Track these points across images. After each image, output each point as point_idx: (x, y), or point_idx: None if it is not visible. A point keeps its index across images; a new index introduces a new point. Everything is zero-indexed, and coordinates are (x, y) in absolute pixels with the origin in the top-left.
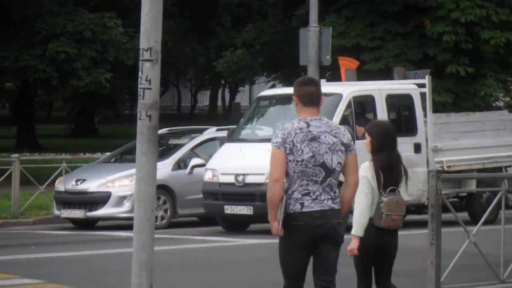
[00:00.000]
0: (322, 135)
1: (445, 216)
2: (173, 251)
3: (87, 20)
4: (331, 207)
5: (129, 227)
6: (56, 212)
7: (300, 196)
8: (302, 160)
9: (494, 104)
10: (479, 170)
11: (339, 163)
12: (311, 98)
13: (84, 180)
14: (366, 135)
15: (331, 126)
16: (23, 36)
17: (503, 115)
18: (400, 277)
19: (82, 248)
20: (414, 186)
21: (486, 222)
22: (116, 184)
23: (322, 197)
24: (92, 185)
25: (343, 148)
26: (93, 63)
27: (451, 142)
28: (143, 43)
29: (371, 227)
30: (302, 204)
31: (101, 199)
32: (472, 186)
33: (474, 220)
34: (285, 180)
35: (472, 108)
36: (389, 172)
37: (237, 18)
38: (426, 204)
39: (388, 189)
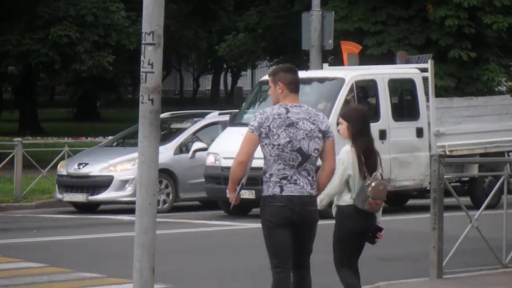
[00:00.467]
0: (300, 122)
1: (447, 200)
2: (175, 235)
3: (90, 4)
4: (310, 193)
5: (131, 211)
6: (58, 196)
7: (278, 179)
8: (279, 145)
9: (496, 89)
10: (482, 155)
11: (316, 149)
12: (296, 85)
13: (86, 164)
14: (342, 120)
15: (310, 113)
16: (25, 20)
17: (505, 99)
18: (403, 261)
19: (84, 232)
20: (416, 171)
21: (488, 207)
22: (118, 168)
23: (301, 183)
24: (94, 169)
25: (320, 135)
26: (96, 47)
27: (454, 127)
28: (146, 27)
29: (354, 211)
30: (281, 188)
31: (103, 183)
32: (474, 171)
33: (476, 205)
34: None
35: (474, 92)
36: (369, 156)
37: (239, 2)
38: (428, 188)
39: (374, 174)
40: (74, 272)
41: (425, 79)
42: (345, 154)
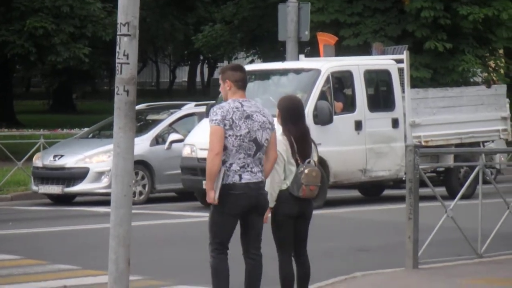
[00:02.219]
0: (254, 114)
1: (423, 191)
2: (151, 226)
3: None
4: (262, 179)
5: (107, 203)
6: (34, 187)
7: (238, 168)
8: (240, 135)
9: (472, 80)
10: (457, 145)
11: (267, 139)
12: (244, 83)
13: (62, 156)
14: (277, 108)
15: (259, 107)
16: (1, 11)
17: (480, 90)
18: (378, 252)
19: (60, 223)
20: (392, 161)
21: (463, 197)
22: (94, 159)
23: (255, 170)
24: (70, 160)
25: (270, 126)
26: (72, 39)
27: (429, 117)
28: (121, 17)
29: (289, 196)
30: (240, 176)
31: (79, 174)
32: (449, 161)
33: (451, 195)
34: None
35: (450, 83)
36: (302, 143)
37: None
38: (403, 179)
39: (306, 161)
40: (50, 264)
41: (400, 70)
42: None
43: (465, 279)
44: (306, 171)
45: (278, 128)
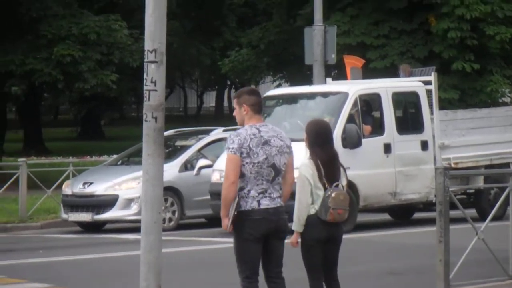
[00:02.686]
0: (272, 139)
1: (453, 213)
2: (181, 252)
3: (92, 23)
4: (281, 204)
5: (137, 230)
6: (64, 215)
7: (257, 194)
8: (258, 162)
9: (500, 100)
10: (487, 167)
11: (285, 163)
12: (260, 107)
13: (91, 183)
14: (304, 132)
15: (276, 131)
16: (29, 39)
17: (509, 110)
18: (410, 275)
19: (90, 251)
20: (422, 184)
21: (494, 219)
22: (123, 186)
23: (274, 195)
24: (99, 188)
25: (288, 150)
26: (99, 66)
27: (458, 139)
28: (148, 44)
29: (318, 221)
30: (259, 202)
31: (109, 201)
32: (479, 183)
33: (482, 217)
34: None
35: (478, 104)
36: (328, 166)
37: (242, 18)
38: (434, 201)
39: (334, 184)
40: None
41: (428, 92)
42: (302, 168)
43: None
44: (333, 194)
45: (306, 152)
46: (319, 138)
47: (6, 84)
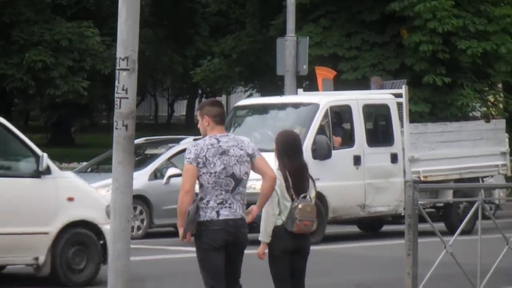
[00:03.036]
0: (231, 149)
1: (422, 226)
2: (150, 261)
3: (65, 29)
4: (242, 216)
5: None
6: None
7: (216, 204)
8: (215, 172)
9: (471, 114)
10: (456, 180)
11: (246, 173)
12: (222, 118)
13: None
14: (274, 143)
15: (237, 140)
16: (0, 44)
17: (480, 125)
18: (376, 287)
19: None
20: (391, 196)
21: (463, 232)
22: None
23: (235, 206)
24: None
25: (248, 158)
26: (70, 72)
27: (428, 152)
28: (120, 52)
29: (285, 232)
30: (218, 213)
31: None
32: (449, 196)
33: (451, 230)
34: (198, 191)
35: (448, 118)
36: (296, 177)
37: (215, 27)
38: (402, 214)
39: (301, 196)
40: None
41: (399, 104)
42: None
43: None
44: (300, 206)
45: (276, 163)
46: (288, 149)
47: None
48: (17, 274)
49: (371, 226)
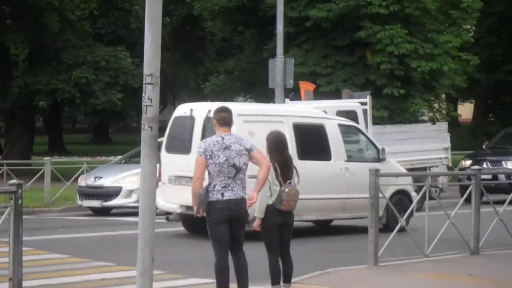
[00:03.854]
0: (232, 145)
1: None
2: (170, 232)
3: (103, 52)
4: (241, 196)
5: (135, 214)
6: (79, 202)
7: (220, 188)
8: (219, 163)
9: (420, 118)
10: (409, 170)
11: (245, 163)
12: (225, 121)
13: (100, 177)
14: (266, 140)
15: (238, 138)
16: (53, 64)
17: (427, 126)
18: (347, 253)
19: (99, 230)
20: None
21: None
22: (126, 180)
23: (236, 189)
24: (107, 181)
25: (246, 152)
26: (108, 86)
27: (387, 148)
28: (146, 70)
29: (274, 209)
30: (222, 194)
31: (114, 192)
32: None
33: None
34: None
35: (403, 121)
36: (283, 168)
37: (220, 50)
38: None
39: (287, 182)
40: (91, 262)
41: (365, 111)
42: None
43: (414, 273)
44: (286, 190)
45: (266, 156)
46: (276, 145)
47: (35, 99)
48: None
49: None
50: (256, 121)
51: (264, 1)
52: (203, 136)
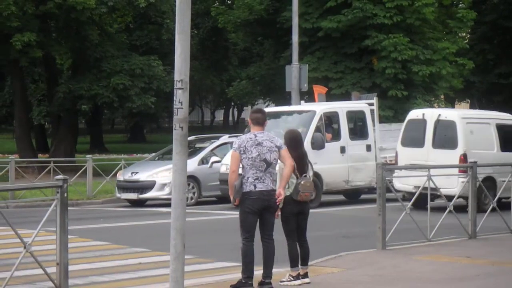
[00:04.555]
0: (264, 142)
1: (388, 195)
2: (200, 221)
3: (138, 61)
4: (272, 187)
5: (168, 205)
6: (118, 195)
7: (253, 180)
8: (252, 157)
9: None
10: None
11: (275, 158)
12: (258, 121)
13: (137, 173)
14: (283, 138)
15: (269, 136)
16: (93, 72)
17: None
18: (357, 238)
19: (136, 219)
20: (367, 174)
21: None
22: (159, 175)
23: (267, 181)
24: (143, 175)
25: (276, 149)
26: (142, 91)
27: (392, 143)
28: (177, 76)
29: (292, 200)
30: (255, 186)
31: (149, 185)
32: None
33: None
34: (241, 170)
35: None
36: (299, 162)
37: (242, 59)
38: (375, 186)
39: (303, 175)
40: (129, 248)
41: (372, 111)
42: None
43: (418, 256)
44: (302, 182)
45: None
46: (293, 142)
47: (78, 103)
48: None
49: (353, 195)
50: (473, 123)
51: (281, 14)
52: (434, 134)
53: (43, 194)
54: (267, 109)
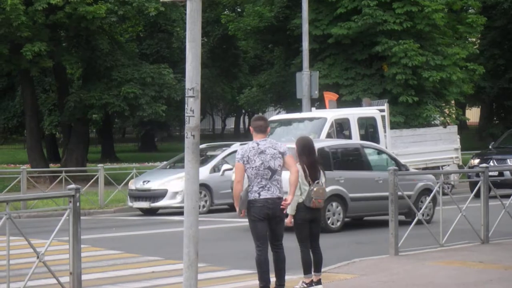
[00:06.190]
0: (267, 149)
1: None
2: (212, 229)
3: (148, 70)
4: (278, 195)
5: (181, 213)
6: (130, 203)
7: (257, 189)
8: (256, 166)
9: (432, 122)
10: (423, 169)
11: (279, 165)
12: (260, 129)
13: (148, 181)
14: (295, 145)
15: (272, 143)
16: (104, 81)
17: (439, 130)
18: (370, 244)
19: (148, 228)
20: None
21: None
22: (171, 183)
23: (272, 189)
24: (154, 184)
25: (280, 155)
26: (153, 100)
27: (403, 149)
28: (188, 84)
29: (304, 206)
30: (259, 194)
31: (161, 194)
32: None
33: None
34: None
35: (417, 125)
36: (311, 169)
37: (253, 66)
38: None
39: (315, 182)
40: (142, 256)
41: (383, 117)
42: None
43: (431, 261)
44: (315, 189)
45: (296, 159)
46: (305, 149)
47: (89, 113)
48: None
49: None
50: None
51: (291, 22)
52: None
53: (55, 204)
54: (278, 116)
